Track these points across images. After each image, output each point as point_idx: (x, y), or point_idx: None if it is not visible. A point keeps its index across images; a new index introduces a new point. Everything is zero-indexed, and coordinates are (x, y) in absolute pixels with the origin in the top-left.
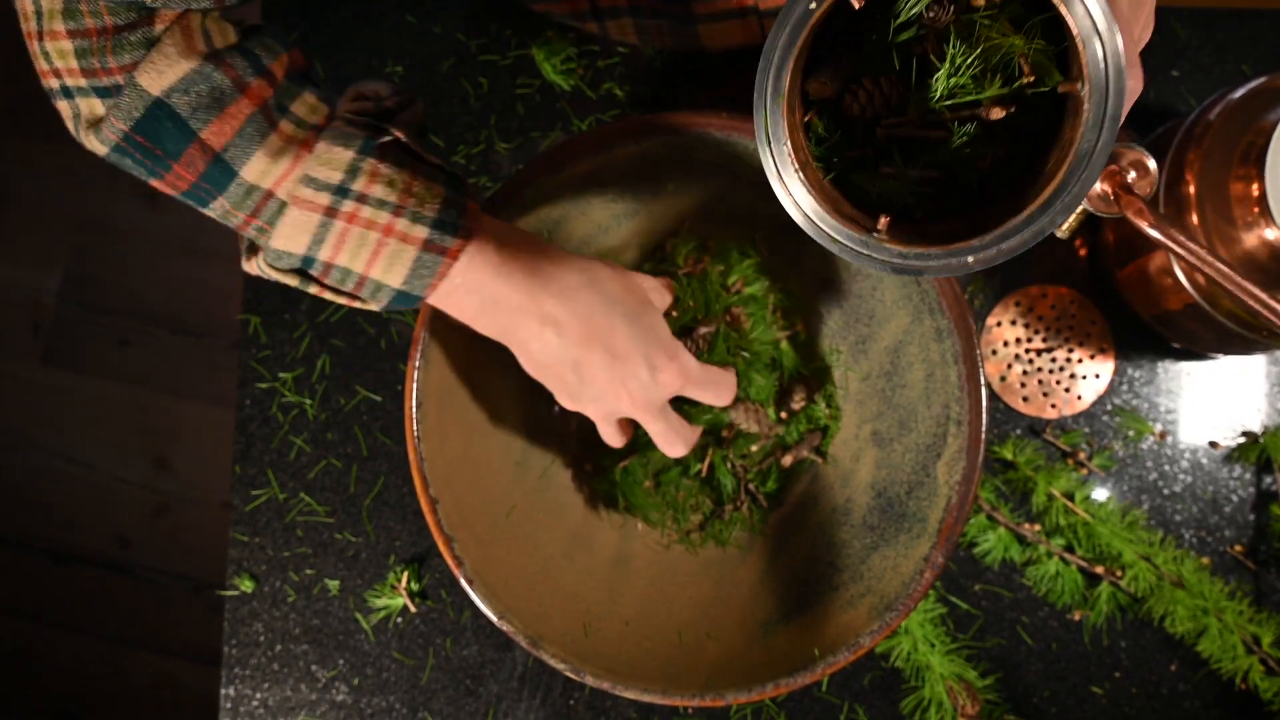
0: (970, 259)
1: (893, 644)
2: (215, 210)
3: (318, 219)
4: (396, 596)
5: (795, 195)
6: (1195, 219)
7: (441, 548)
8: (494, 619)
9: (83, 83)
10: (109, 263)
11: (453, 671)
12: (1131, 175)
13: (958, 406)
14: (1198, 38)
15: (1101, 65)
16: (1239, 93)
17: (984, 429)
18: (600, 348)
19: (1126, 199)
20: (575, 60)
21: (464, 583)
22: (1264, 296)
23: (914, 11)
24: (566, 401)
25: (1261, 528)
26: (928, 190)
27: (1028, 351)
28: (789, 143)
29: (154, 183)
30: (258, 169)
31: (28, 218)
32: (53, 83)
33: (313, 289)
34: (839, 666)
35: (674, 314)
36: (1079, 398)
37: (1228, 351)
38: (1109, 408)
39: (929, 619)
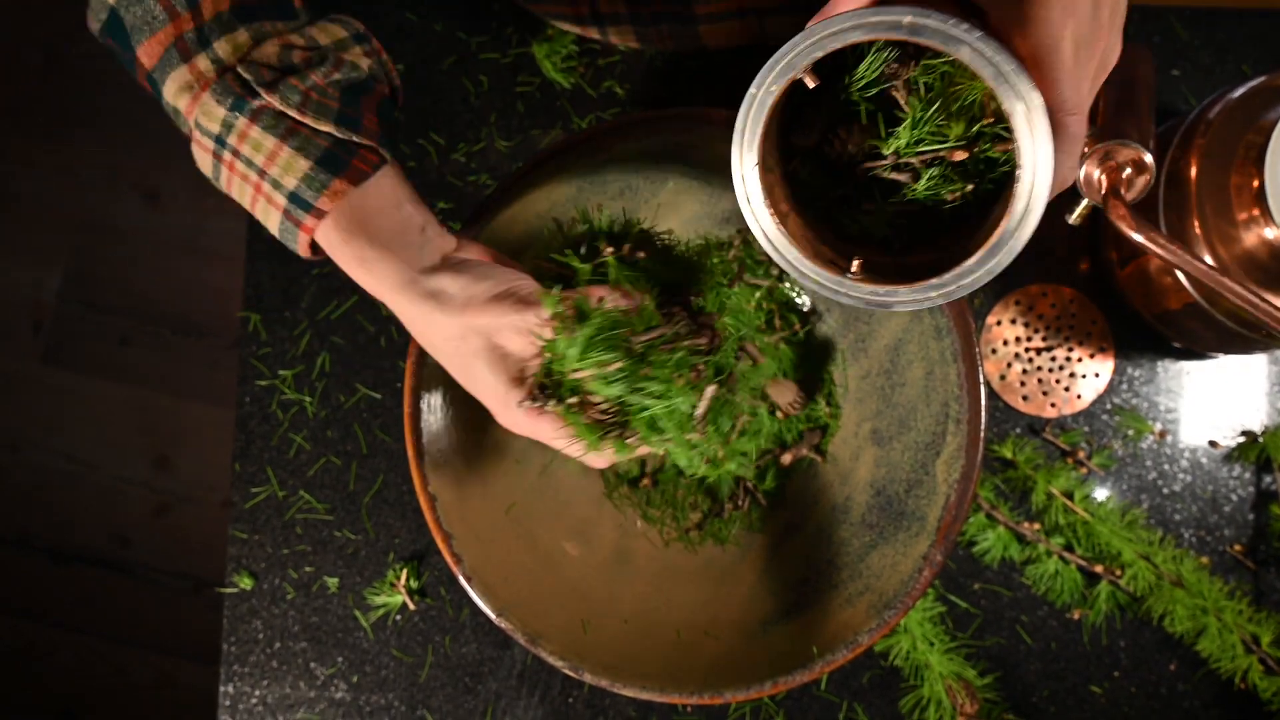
0: (934, 294)
1: (892, 643)
2: (168, 106)
3: (210, 159)
4: (395, 594)
5: (777, 246)
6: (1195, 218)
7: (440, 545)
8: (492, 616)
9: None
10: (109, 262)
11: (452, 669)
12: (1127, 172)
13: (957, 405)
14: (1198, 37)
15: (1029, 141)
16: (1238, 92)
17: (983, 427)
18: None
19: (1112, 202)
20: (576, 59)
21: (462, 580)
22: (1246, 293)
23: (874, 74)
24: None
25: (1261, 527)
26: (904, 223)
27: (1028, 350)
28: (767, 201)
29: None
30: (170, 94)
31: (29, 217)
32: None
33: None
34: (838, 665)
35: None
36: (1079, 397)
37: (1228, 351)
38: (1109, 407)
39: (928, 618)
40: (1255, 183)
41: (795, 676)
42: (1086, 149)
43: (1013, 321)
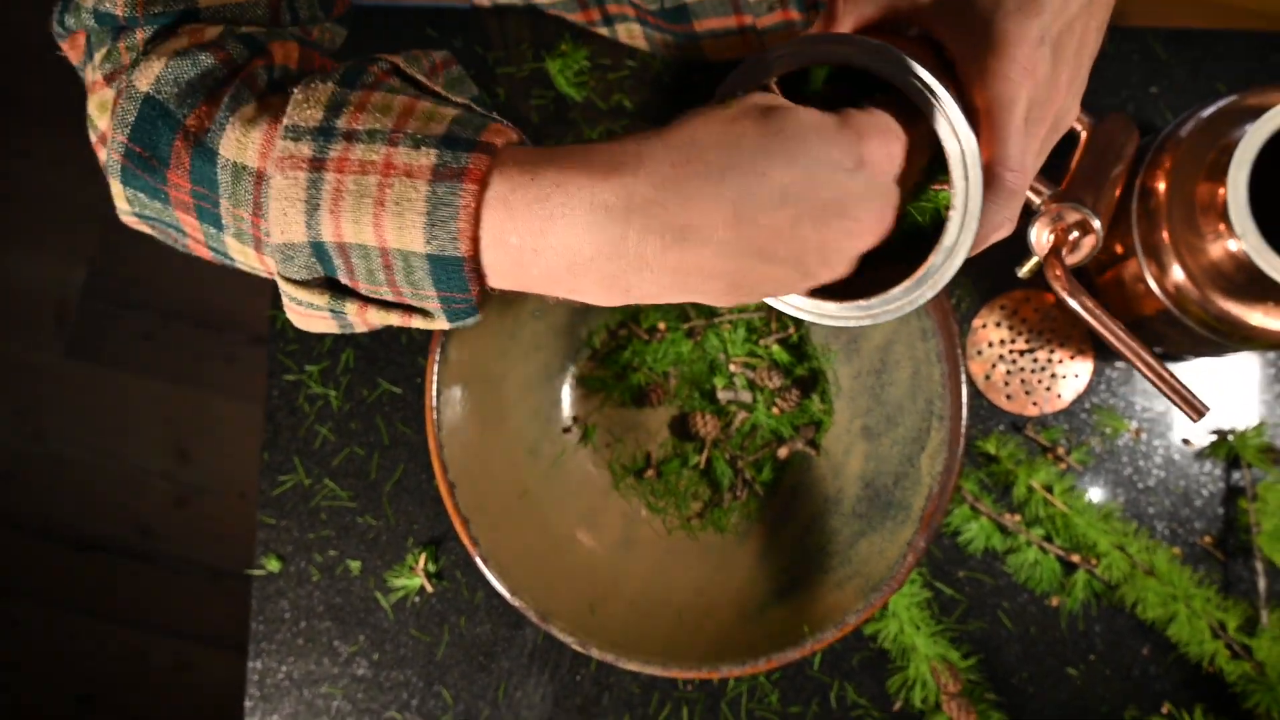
0: (861, 314)
1: (880, 626)
2: (230, 230)
3: (304, 177)
4: (414, 577)
5: None
6: (1165, 229)
7: (459, 529)
8: (507, 595)
9: (112, 148)
10: (132, 258)
11: (466, 648)
12: (1074, 235)
13: (940, 402)
14: (1176, 56)
15: (964, 182)
16: (1208, 111)
17: (964, 424)
18: (752, 250)
19: (1051, 261)
20: (587, 73)
21: (479, 561)
22: (1147, 359)
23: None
24: (794, 285)
25: (1230, 520)
26: None
27: (1011, 352)
28: None
29: (178, 221)
30: (234, 141)
31: (54, 214)
32: (100, 156)
33: (351, 307)
34: (827, 643)
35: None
36: (1059, 396)
37: (1198, 354)
38: (1087, 406)
39: (915, 603)
40: (1219, 197)
41: (787, 654)
42: (1042, 208)
43: (997, 324)
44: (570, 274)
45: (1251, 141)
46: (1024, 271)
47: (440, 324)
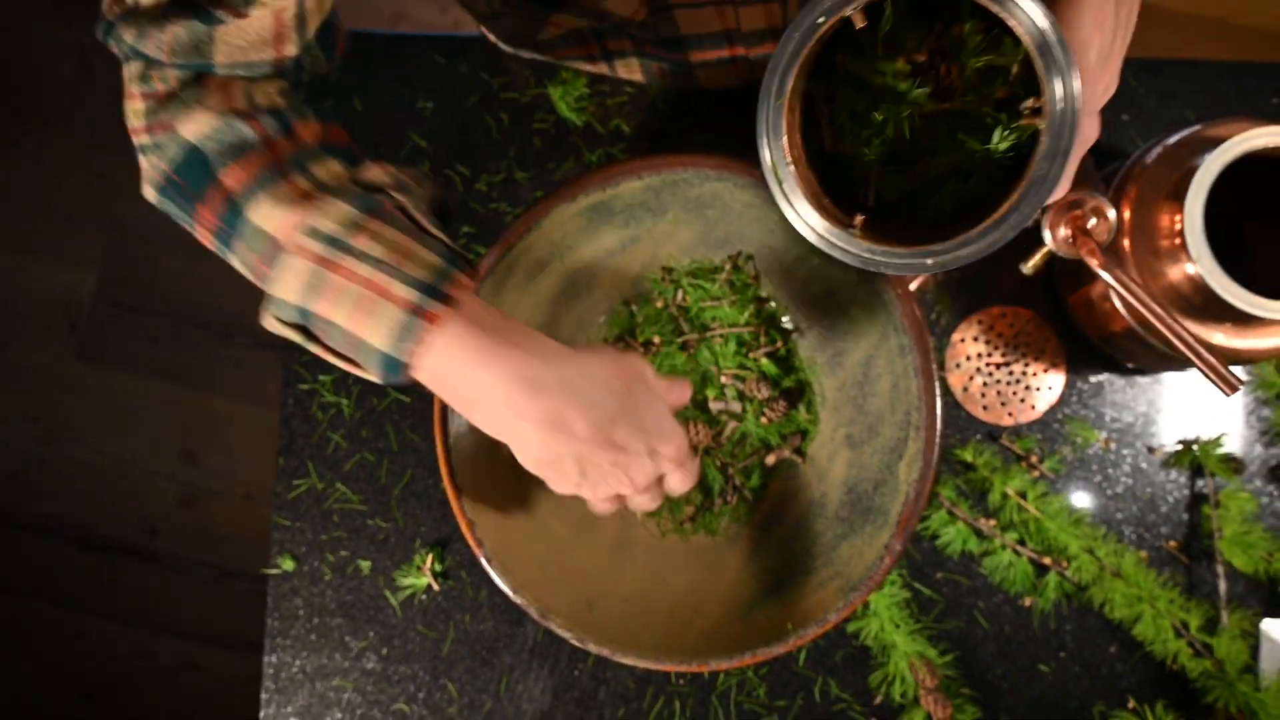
0: (929, 260)
1: (862, 624)
2: (238, 254)
3: (311, 268)
4: (421, 576)
5: (786, 188)
6: (1129, 251)
7: (464, 531)
8: (509, 593)
9: (146, 140)
10: (142, 264)
11: (471, 644)
12: (1092, 221)
13: (917, 414)
14: (1146, 85)
15: (1060, 105)
16: (1173, 139)
17: (938, 434)
18: (604, 443)
19: (1082, 240)
20: (587, 99)
21: (484, 561)
22: (1184, 333)
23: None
24: (562, 488)
25: (1194, 526)
26: (918, 206)
27: (988, 365)
28: (786, 139)
29: (194, 228)
30: (263, 213)
31: (66, 220)
32: (135, 140)
33: (314, 348)
34: (809, 639)
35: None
36: (1033, 407)
37: (1162, 369)
38: (1060, 417)
39: (895, 603)
40: (1179, 222)
41: (772, 649)
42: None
43: (975, 339)
44: (475, 404)
45: (1207, 171)
46: (1029, 266)
47: (375, 379)
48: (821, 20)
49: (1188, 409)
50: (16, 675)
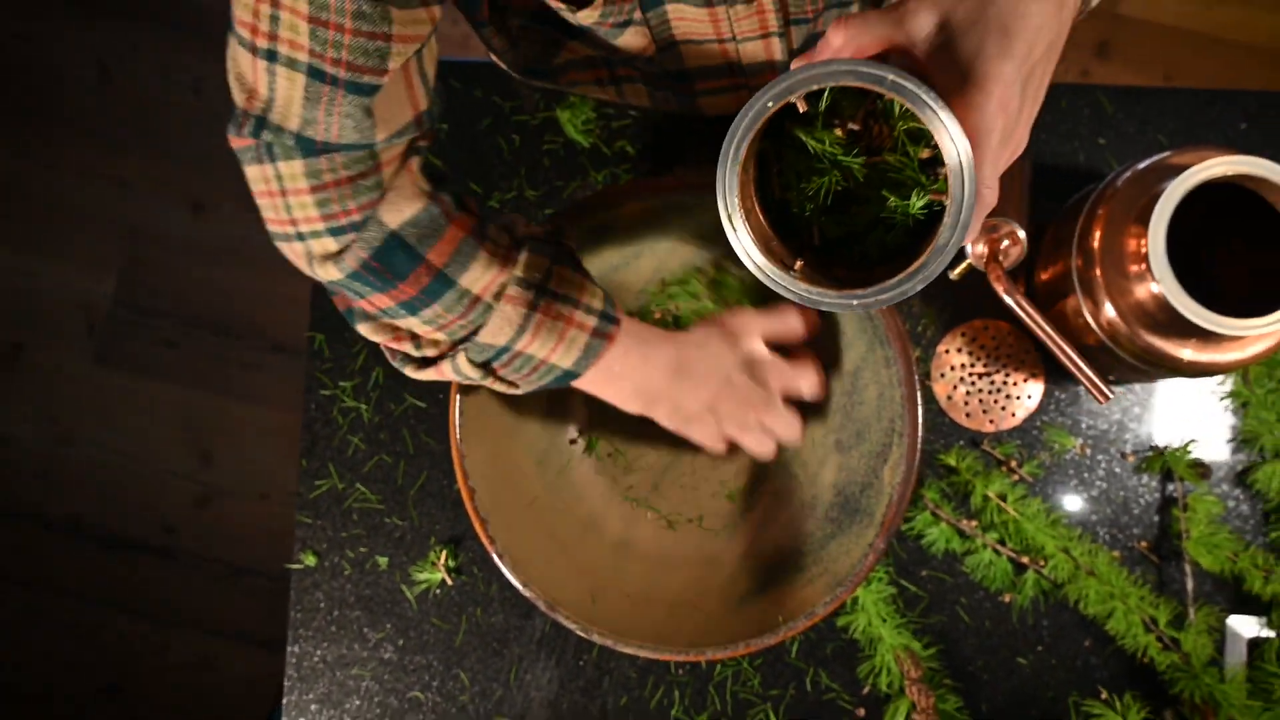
0: (854, 302)
1: (851, 619)
2: (424, 315)
3: (524, 312)
4: (436, 571)
5: (739, 235)
6: (1099, 270)
7: (477, 528)
8: (520, 587)
9: (319, 227)
10: (159, 269)
11: (482, 635)
12: (1005, 244)
13: (900, 421)
14: (1123, 111)
15: (961, 189)
16: (1143, 164)
17: (919, 440)
18: (726, 394)
19: (990, 265)
20: (594, 122)
21: (495, 557)
22: (1066, 350)
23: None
24: (705, 437)
25: (1164, 527)
26: (846, 251)
27: (971, 374)
28: (739, 194)
29: (374, 297)
30: (472, 277)
31: (85, 225)
32: (287, 229)
33: (488, 381)
34: (798, 631)
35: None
36: (1013, 415)
37: (1135, 380)
38: (1038, 424)
39: (882, 598)
40: (1144, 244)
41: (763, 639)
42: None
43: (959, 350)
44: (635, 395)
45: (1169, 199)
46: (955, 274)
47: (517, 394)
48: (770, 104)
49: (1159, 417)
50: (42, 667)
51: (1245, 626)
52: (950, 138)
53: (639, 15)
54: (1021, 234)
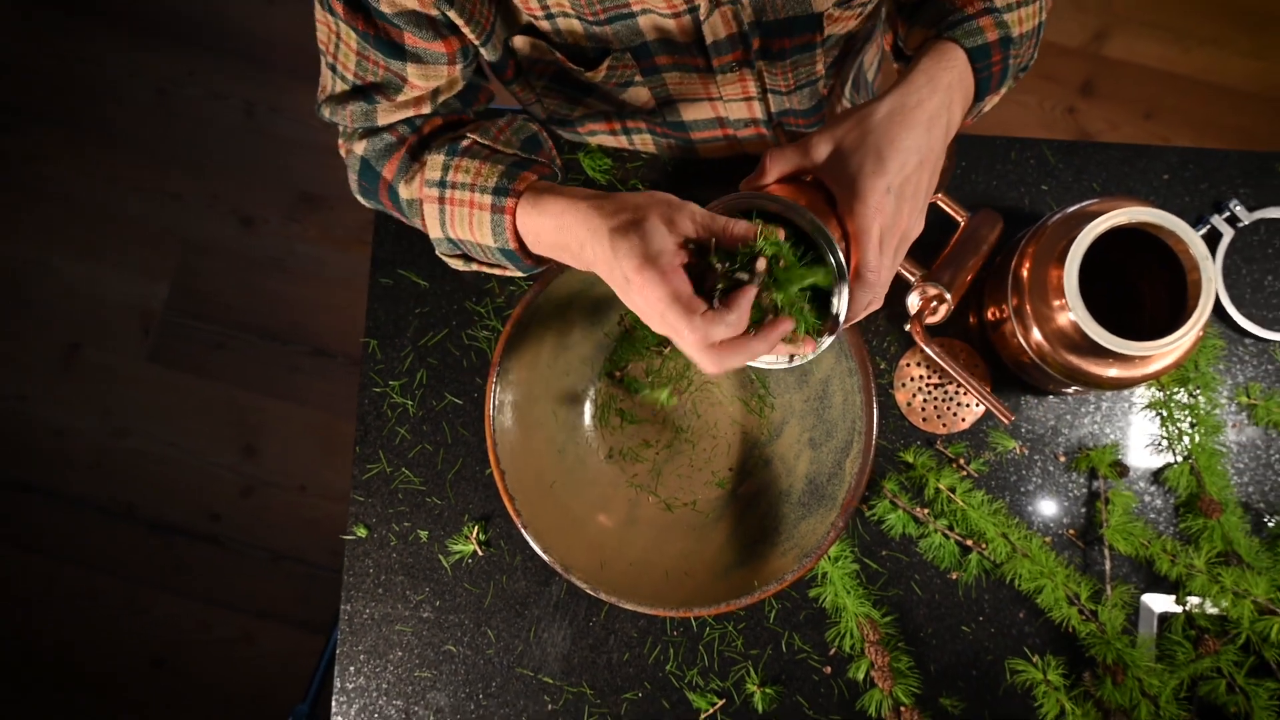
0: (792, 361)
1: (821, 590)
2: (407, 214)
3: (437, 207)
4: (468, 544)
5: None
6: (1028, 301)
7: (507, 504)
8: (540, 553)
9: (347, 164)
10: (209, 277)
11: (507, 599)
12: (934, 303)
13: (860, 422)
14: (1062, 162)
15: (840, 281)
16: (1070, 209)
17: (874, 438)
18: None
19: (912, 321)
20: (609, 164)
21: (522, 529)
22: (972, 383)
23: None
24: (629, 303)
25: (1089, 518)
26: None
27: (927, 385)
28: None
29: (380, 202)
30: (406, 188)
31: (141, 236)
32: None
33: (474, 266)
34: (771, 593)
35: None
36: (963, 420)
37: (1064, 391)
38: (984, 428)
39: (847, 574)
40: (1061, 278)
41: (741, 600)
42: (915, 283)
43: (918, 364)
44: (560, 250)
45: (1081, 242)
46: (907, 327)
47: (518, 274)
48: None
49: (1087, 424)
50: (96, 642)
51: (1157, 603)
52: (825, 244)
53: (639, 77)
54: (948, 295)
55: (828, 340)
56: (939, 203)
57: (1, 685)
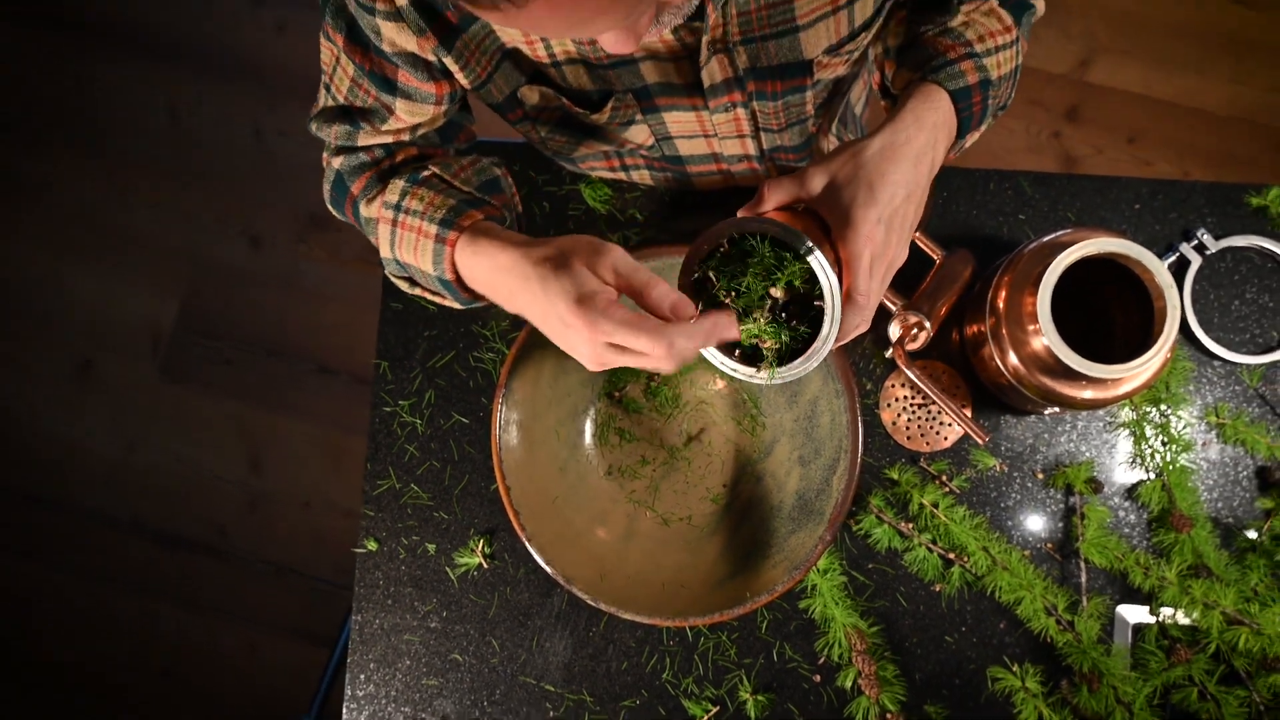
0: (760, 378)
1: (810, 602)
2: (367, 232)
3: (389, 229)
4: (474, 557)
5: None
6: (1004, 326)
7: (511, 518)
8: (543, 564)
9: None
10: (218, 296)
11: (510, 610)
12: (914, 330)
13: (846, 440)
14: (1039, 193)
15: (831, 302)
16: (1044, 239)
17: (859, 456)
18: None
19: (895, 347)
20: (609, 195)
21: (526, 541)
22: (949, 406)
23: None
24: (558, 343)
25: (1066, 532)
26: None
27: (912, 404)
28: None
29: (345, 214)
30: (365, 208)
31: (152, 254)
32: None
33: (417, 290)
34: (762, 603)
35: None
36: (945, 439)
37: (1040, 410)
38: (966, 446)
39: (835, 585)
40: (1035, 304)
41: (734, 610)
42: (896, 312)
43: (903, 385)
44: (492, 291)
45: (1053, 271)
46: (889, 353)
47: (456, 306)
48: (706, 247)
49: (1063, 442)
50: (104, 652)
51: (1132, 614)
52: (820, 266)
53: (640, 117)
54: (927, 324)
55: (824, 352)
56: (916, 240)
57: (8, 694)
